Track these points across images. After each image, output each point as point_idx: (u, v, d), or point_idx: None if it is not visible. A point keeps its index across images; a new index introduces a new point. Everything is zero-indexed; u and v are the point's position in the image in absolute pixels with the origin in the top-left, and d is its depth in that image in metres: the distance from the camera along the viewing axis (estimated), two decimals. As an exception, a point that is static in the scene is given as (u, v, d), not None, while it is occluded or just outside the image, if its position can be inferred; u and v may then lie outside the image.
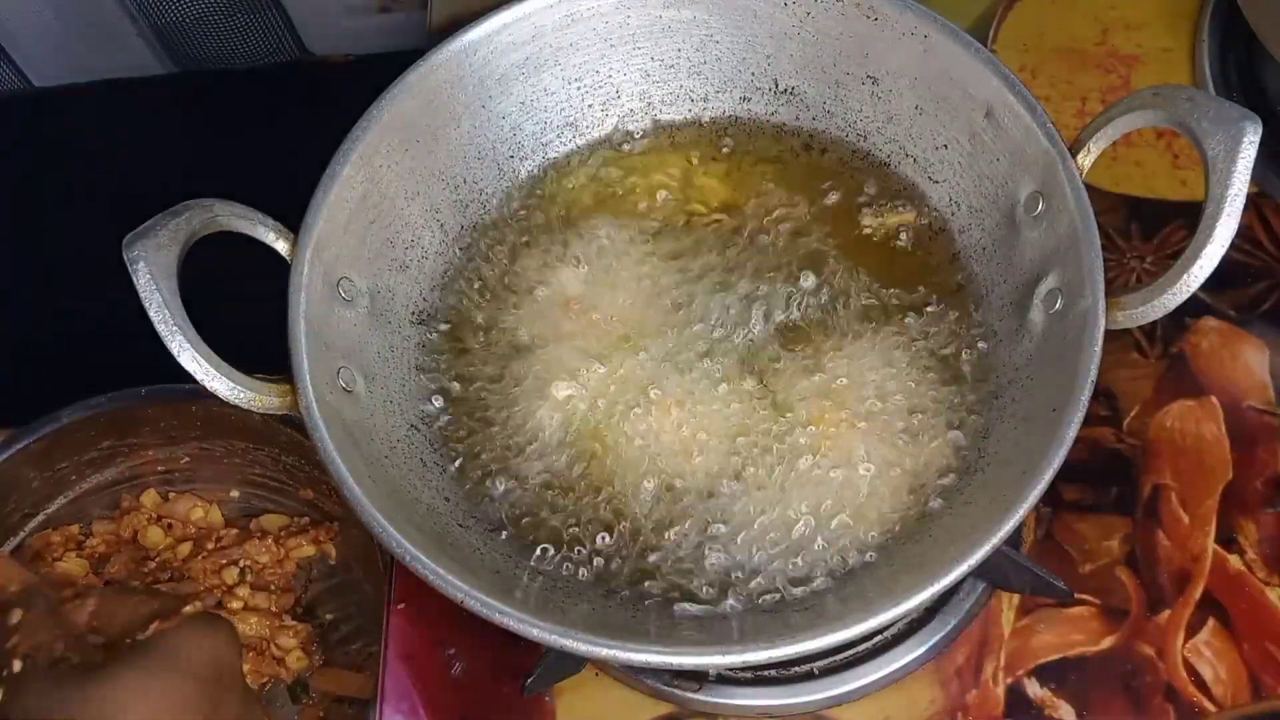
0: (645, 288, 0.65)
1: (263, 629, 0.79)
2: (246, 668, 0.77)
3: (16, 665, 0.51)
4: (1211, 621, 0.66)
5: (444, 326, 0.65)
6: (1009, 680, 0.65)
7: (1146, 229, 0.75)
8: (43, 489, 0.78)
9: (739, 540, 0.58)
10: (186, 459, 0.80)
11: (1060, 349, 0.56)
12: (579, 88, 0.68)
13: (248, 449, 0.79)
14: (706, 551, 0.58)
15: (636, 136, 0.70)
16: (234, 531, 0.82)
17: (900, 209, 0.64)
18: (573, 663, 0.64)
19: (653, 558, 0.58)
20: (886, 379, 0.61)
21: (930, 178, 0.66)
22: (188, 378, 0.54)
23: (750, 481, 0.59)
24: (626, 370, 0.62)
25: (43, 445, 0.75)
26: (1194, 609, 0.66)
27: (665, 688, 0.66)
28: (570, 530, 0.59)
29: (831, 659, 0.66)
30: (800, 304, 0.64)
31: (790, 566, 0.58)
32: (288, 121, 0.88)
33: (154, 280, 0.53)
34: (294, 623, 0.80)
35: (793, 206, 0.67)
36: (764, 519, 0.59)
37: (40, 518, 0.79)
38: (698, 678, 0.65)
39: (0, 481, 0.75)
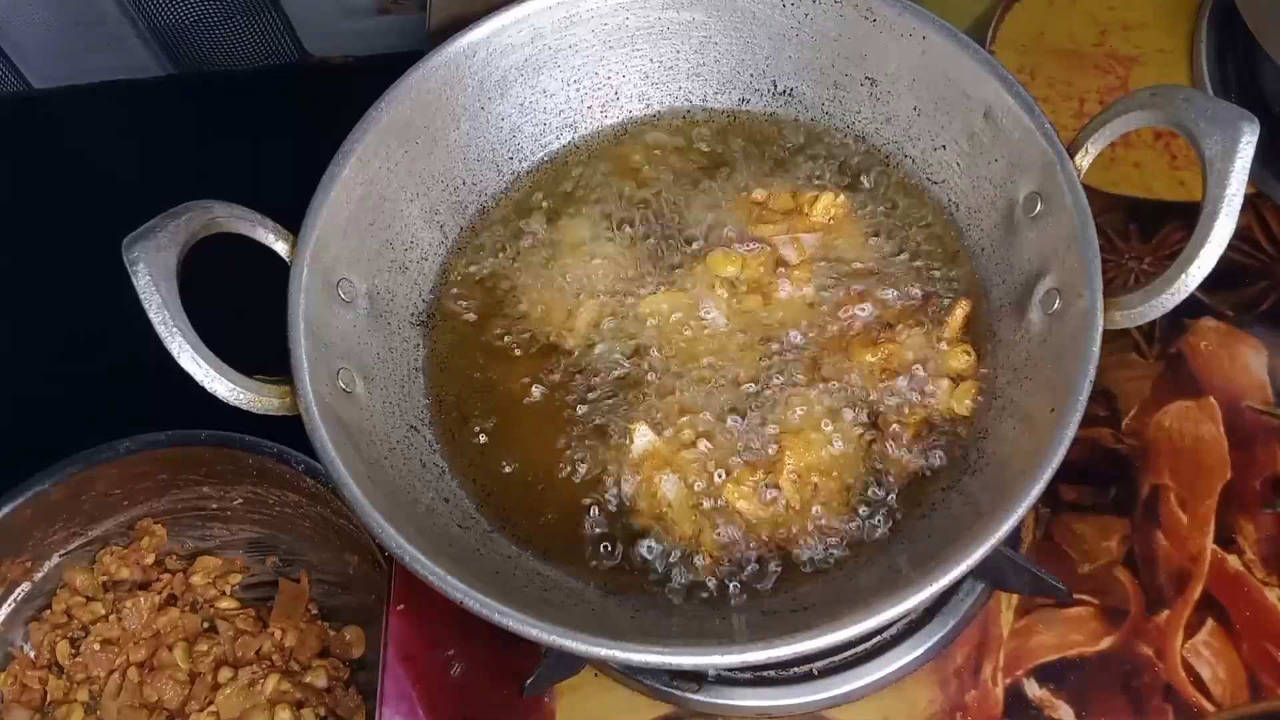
0: (644, 289, 0.65)
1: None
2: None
3: None
4: (1210, 622, 0.66)
5: (443, 328, 0.65)
6: (1008, 680, 0.65)
7: (1144, 230, 0.75)
8: (94, 510, 0.81)
9: (743, 537, 0.58)
10: (240, 500, 0.81)
11: (1059, 349, 0.56)
12: (578, 89, 0.68)
13: (300, 502, 0.79)
14: (707, 548, 0.58)
15: (635, 138, 0.70)
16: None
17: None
18: (572, 663, 0.64)
19: (653, 557, 0.59)
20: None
21: (929, 178, 0.66)
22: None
23: (755, 478, 0.59)
24: (626, 373, 0.62)
25: (103, 472, 0.78)
26: (1193, 609, 0.66)
27: (665, 688, 0.66)
28: (570, 530, 0.59)
29: (831, 659, 0.66)
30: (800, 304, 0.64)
31: (793, 564, 0.58)
32: (287, 123, 0.88)
33: (153, 281, 0.53)
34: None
35: (792, 207, 0.67)
36: (767, 517, 0.59)
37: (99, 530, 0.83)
38: (697, 678, 0.65)
39: (56, 501, 0.79)
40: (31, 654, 0.83)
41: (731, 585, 0.57)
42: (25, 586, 0.83)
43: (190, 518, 0.84)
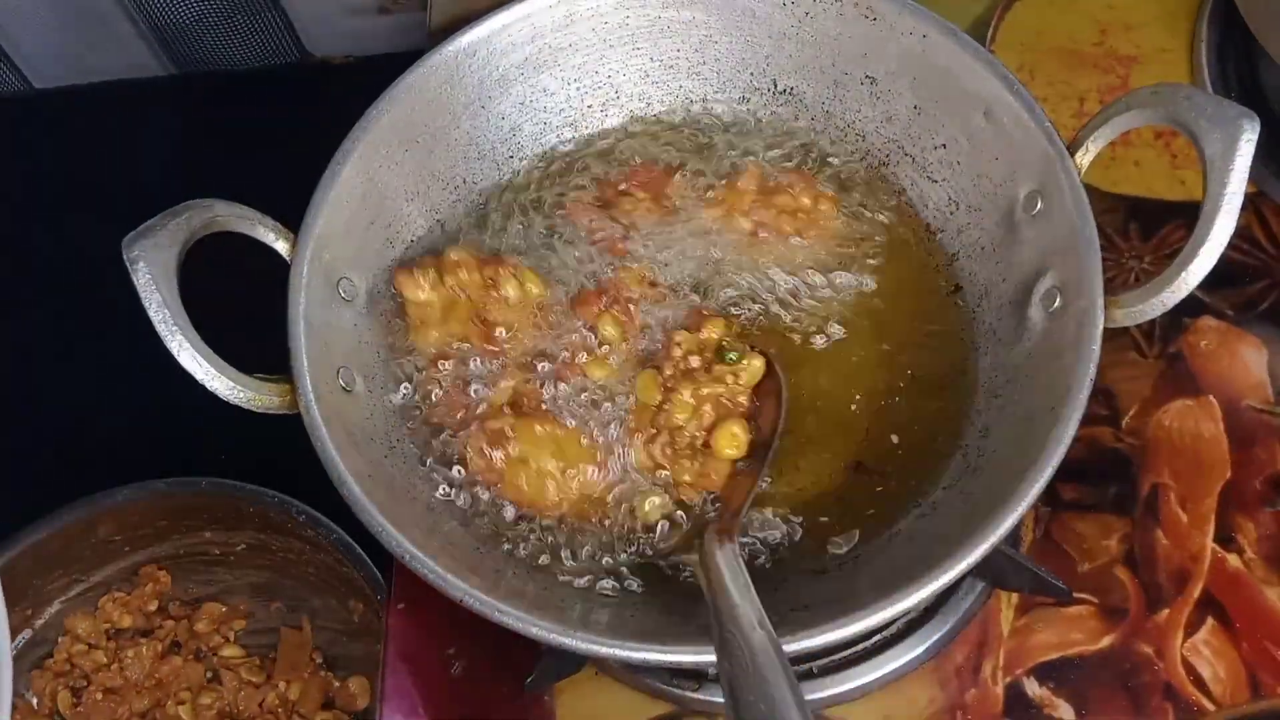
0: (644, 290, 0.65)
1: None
2: None
3: None
4: (1210, 620, 0.66)
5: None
6: (1008, 679, 0.65)
7: (1145, 229, 0.75)
8: (94, 558, 0.81)
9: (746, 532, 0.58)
10: (243, 546, 0.81)
11: (1059, 348, 0.56)
12: (578, 88, 0.69)
13: (303, 549, 0.79)
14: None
15: (635, 137, 0.70)
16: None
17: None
18: (572, 662, 0.64)
19: (653, 554, 0.59)
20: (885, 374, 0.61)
21: (929, 177, 0.66)
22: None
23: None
24: (627, 373, 0.62)
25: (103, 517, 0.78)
26: (1193, 608, 0.66)
27: (665, 687, 0.66)
28: (570, 529, 0.59)
29: (830, 658, 0.66)
30: (800, 307, 0.64)
31: (792, 563, 0.58)
32: (288, 122, 0.88)
33: (154, 280, 0.53)
34: None
35: (794, 208, 0.67)
36: (767, 514, 0.59)
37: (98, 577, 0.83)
38: (697, 677, 0.65)
39: (59, 546, 0.78)
40: (34, 702, 0.82)
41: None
42: (27, 634, 0.82)
43: (193, 562, 0.83)
